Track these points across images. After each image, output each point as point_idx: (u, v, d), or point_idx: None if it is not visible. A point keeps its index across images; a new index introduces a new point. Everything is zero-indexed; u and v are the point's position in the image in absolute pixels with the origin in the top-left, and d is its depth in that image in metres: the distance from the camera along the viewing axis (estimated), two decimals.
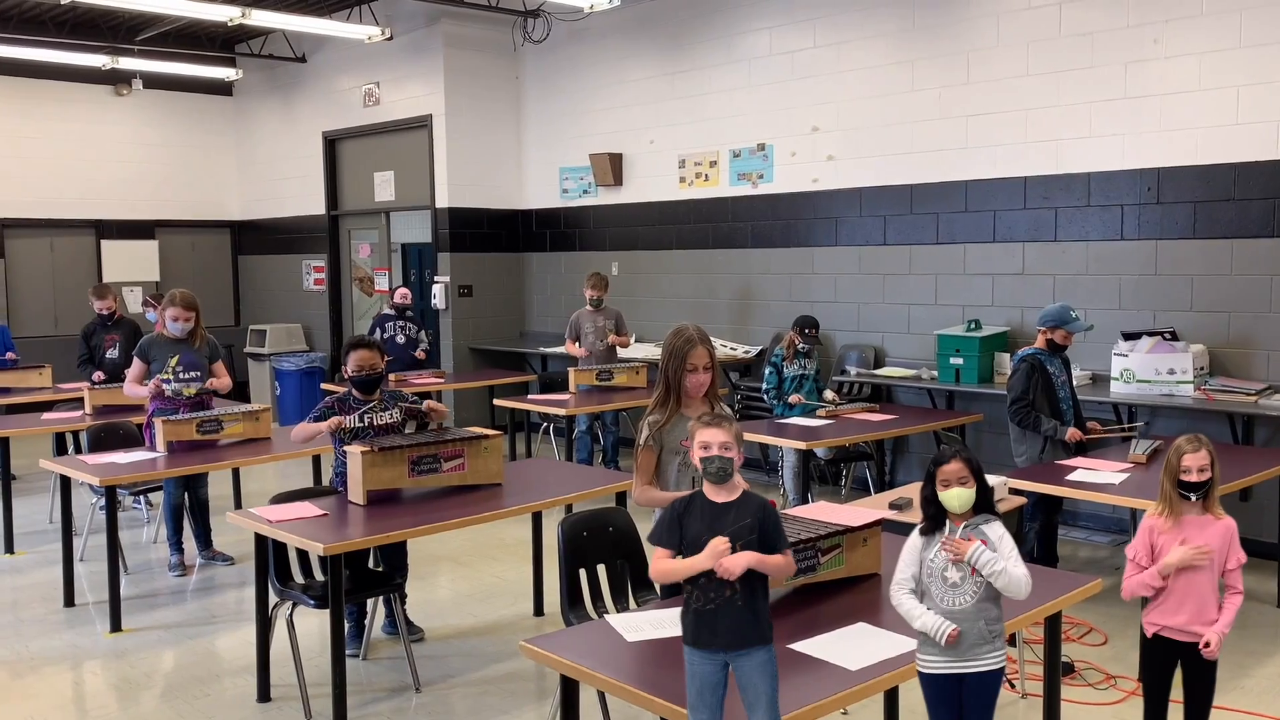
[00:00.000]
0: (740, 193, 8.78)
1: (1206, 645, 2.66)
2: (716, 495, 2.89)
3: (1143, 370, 6.18)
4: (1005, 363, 6.92)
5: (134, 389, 6.00)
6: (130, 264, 12.02)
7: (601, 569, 4.05)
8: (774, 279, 8.61)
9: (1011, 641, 4.49)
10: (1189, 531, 2.70)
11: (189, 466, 5.53)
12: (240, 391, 10.89)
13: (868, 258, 8.00)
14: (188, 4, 8.78)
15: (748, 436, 4.28)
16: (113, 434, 6.24)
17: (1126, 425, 6.17)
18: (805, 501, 6.07)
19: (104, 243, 11.99)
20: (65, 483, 5.64)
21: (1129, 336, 6.36)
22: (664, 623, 2.98)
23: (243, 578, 6.07)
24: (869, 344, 8.01)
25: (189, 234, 12.73)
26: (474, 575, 6.07)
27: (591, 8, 8.70)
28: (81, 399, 7.16)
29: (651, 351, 8.98)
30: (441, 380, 8.92)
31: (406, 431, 4.78)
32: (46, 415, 7.15)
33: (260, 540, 4.28)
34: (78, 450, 7.37)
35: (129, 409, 6.73)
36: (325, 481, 6.96)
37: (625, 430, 9.02)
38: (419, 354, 9.15)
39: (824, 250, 8.26)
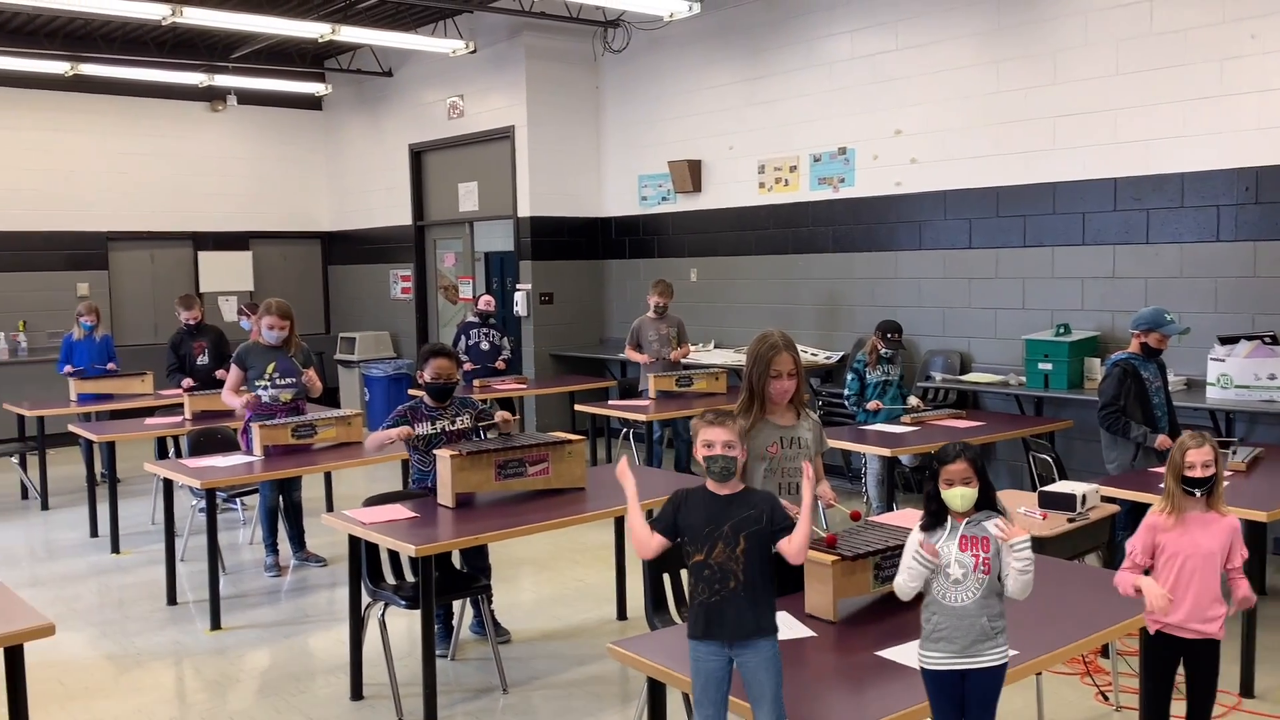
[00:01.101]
0: (821, 197, 8.73)
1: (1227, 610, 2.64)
2: (719, 488, 2.92)
3: (1241, 375, 5.98)
4: (1096, 368, 6.76)
5: (230, 397, 6.20)
6: (225, 274, 12.43)
7: (685, 574, 4.06)
8: (856, 283, 8.54)
9: (1104, 653, 4.39)
10: (1192, 529, 2.69)
11: (284, 470, 5.71)
12: (330, 397, 11.18)
13: (952, 261, 7.89)
14: (281, 22, 9.08)
15: (831, 443, 4.27)
16: (211, 438, 6.47)
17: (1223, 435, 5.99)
18: (890, 509, 6.01)
19: (201, 254, 12.44)
20: (168, 485, 5.86)
21: (1226, 341, 6.17)
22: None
23: (334, 579, 6.24)
24: (954, 349, 7.89)
25: (281, 245, 13.12)
26: (556, 579, 6.15)
27: (671, 16, 8.75)
28: (181, 404, 7.43)
29: (730, 358, 8.98)
30: (523, 386, 9.05)
31: (485, 436, 4.87)
32: (149, 420, 7.44)
33: (354, 541, 4.40)
34: (178, 454, 7.65)
35: (227, 414, 6.97)
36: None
37: None
38: (501, 361, 9.29)
39: (908, 254, 8.17)
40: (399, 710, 4.29)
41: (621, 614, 5.42)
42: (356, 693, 4.49)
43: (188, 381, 7.85)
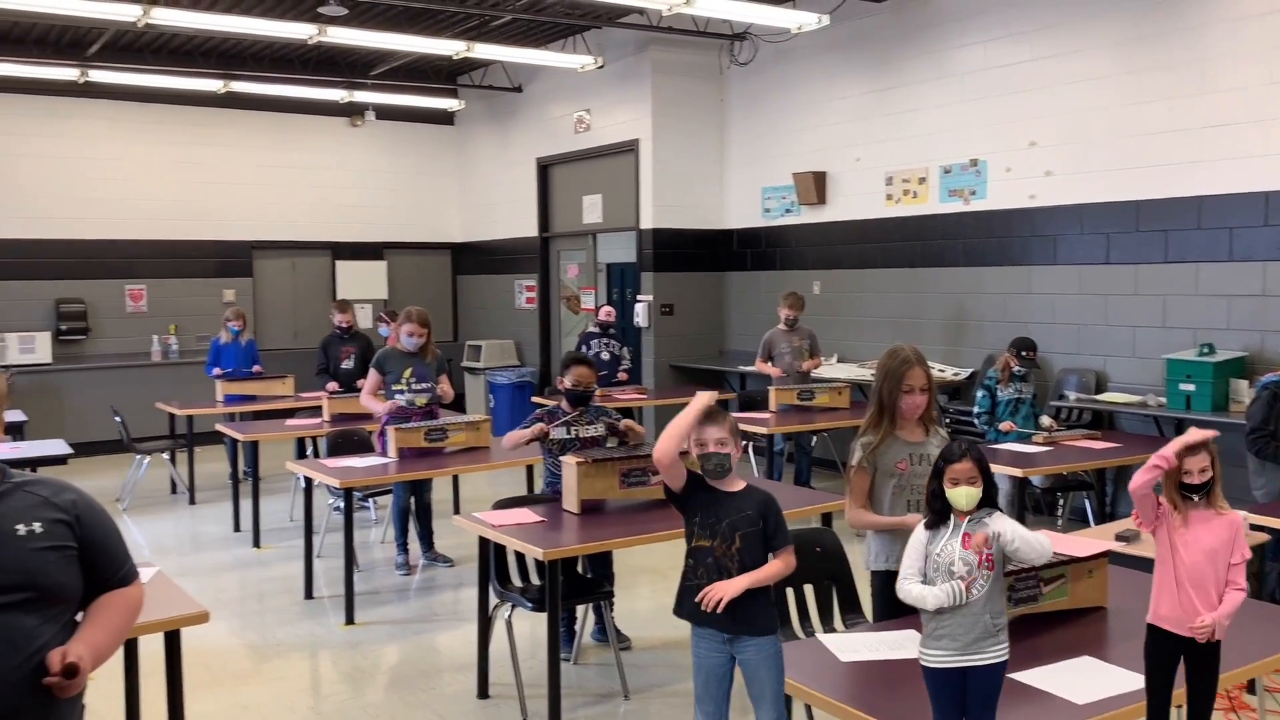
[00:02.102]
0: (951, 209, 8.57)
1: (1198, 627, 2.60)
2: (720, 485, 2.92)
3: None
4: (1243, 390, 6.45)
5: (369, 400, 6.45)
6: (362, 283, 12.92)
7: (809, 589, 4.05)
8: (987, 299, 8.35)
9: (1250, 689, 4.18)
10: (1195, 527, 2.71)
11: (417, 472, 5.92)
12: (457, 403, 11.50)
13: (1089, 277, 7.64)
14: (419, 40, 9.42)
15: None
16: (349, 440, 6.73)
17: None
18: None
19: (339, 263, 12.96)
20: (308, 484, 6.12)
21: None
22: (879, 645, 2.97)
23: (459, 579, 6.42)
24: (1089, 368, 7.63)
25: (413, 255, 13.57)
26: (675, 588, 6.17)
27: (799, 28, 8.73)
28: (320, 407, 7.76)
29: (854, 372, 8.89)
30: (644, 396, 9.13)
31: (607, 446, 4.95)
32: (290, 421, 7.79)
33: (483, 543, 4.52)
34: (316, 454, 7.99)
35: (364, 417, 7.25)
36: (538, 488, 7.29)
37: (822, 451, 8.95)
38: (622, 371, 9.40)
39: (1041, 269, 7.94)
40: (524, 710, 4.39)
41: None
42: (483, 691, 4.61)
43: (332, 385, 8.19)
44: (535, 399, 10.17)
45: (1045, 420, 6.72)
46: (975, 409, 6.78)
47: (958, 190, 8.53)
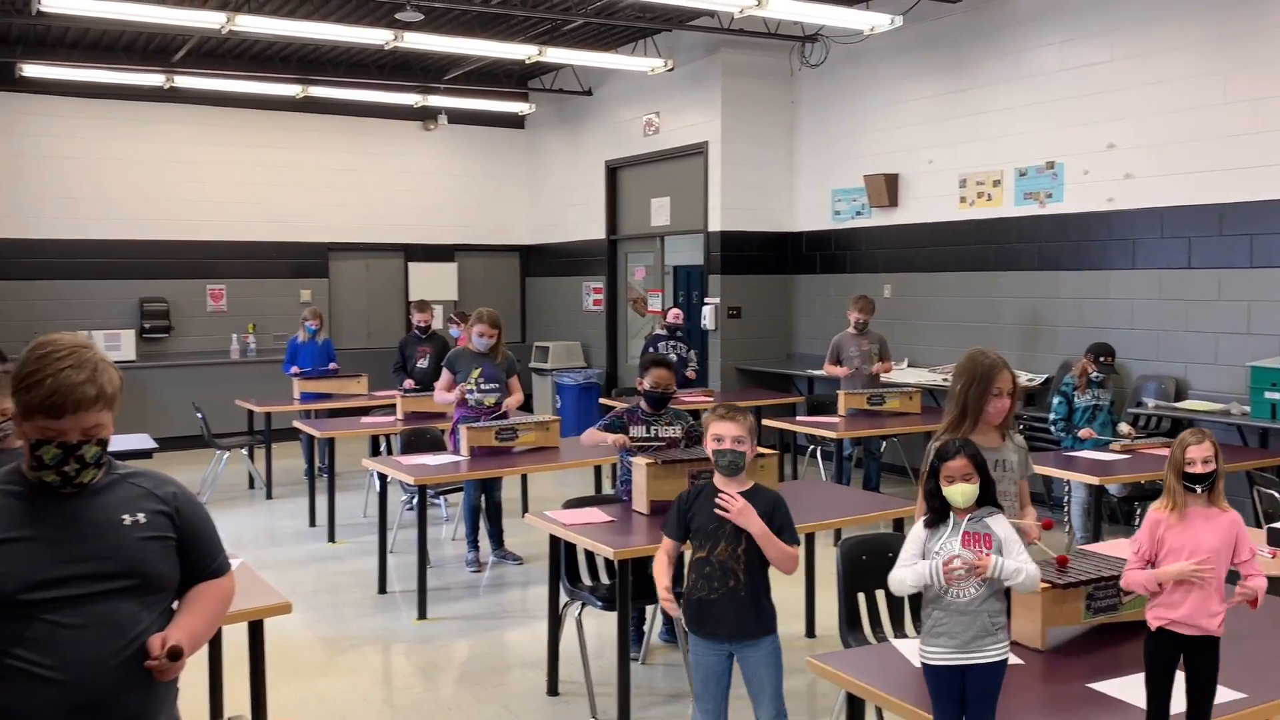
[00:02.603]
0: (1026, 212, 8.43)
1: (1245, 585, 2.57)
2: (728, 486, 2.88)
3: None
4: None
5: (442, 396, 6.57)
6: (433, 284, 13.12)
7: (880, 594, 4.03)
8: (1063, 303, 8.19)
9: None
10: (1194, 525, 2.66)
11: (488, 470, 6.00)
12: (524, 404, 11.60)
13: (1169, 282, 7.45)
14: (492, 44, 9.55)
15: (1035, 469, 4.12)
16: (421, 438, 6.85)
17: None
18: (1096, 540, 5.73)
19: (411, 264, 13.18)
20: (383, 480, 6.24)
21: None
22: (909, 651, 2.94)
23: (528, 577, 6.49)
24: (1169, 375, 7.45)
25: (483, 257, 13.74)
26: None
27: (872, 30, 8.67)
28: (394, 405, 7.90)
29: (925, 377, 8.79)
30: (710, 399, 9.11)
31: (688, 448, 4.96)
32: (365, 419, 7.94)
33: (554, 541, 4.57)
34: (389, 452, 8.14)
35: (437, 416, 7.37)
36: (605, 489, 7.34)
37: (891, 456, 8.87)
38: (689, 373, 9.40)
39: (1119, 274, 7.77)
40: (593, 708, 4.43)
41: (810, 631, 5.39)
42: (552, 688, 4.66)
43: (409, 383, 8.32)
44: (603, 400, 10.23)
45: (1123, 428, 6.58)
46: (1051, 415, 6.66)
47: (1033, 193, 8.38)
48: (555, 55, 9.76)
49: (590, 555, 4.72)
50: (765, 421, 8.17)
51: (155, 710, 2.17)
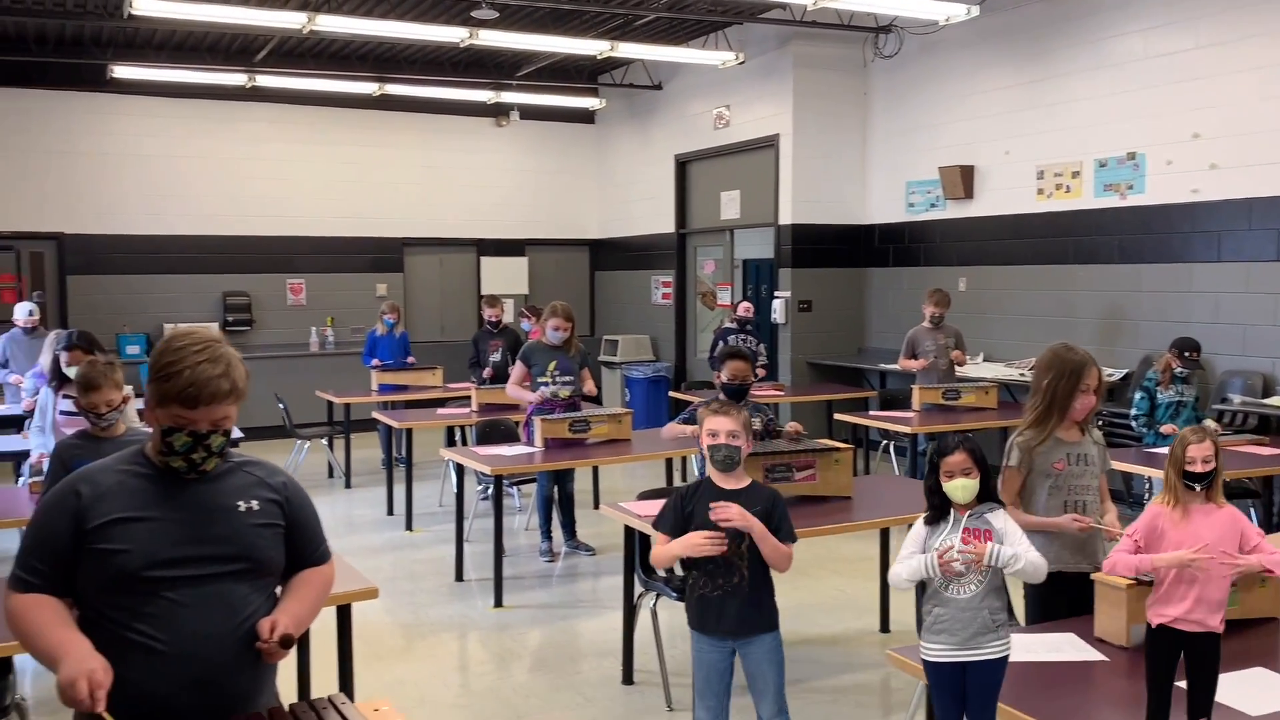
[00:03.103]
0: (1106, 204, 8.26)
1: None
2: (725, 482, 2.87)
3: None
4: None
5: (516, 390, 6.66)
6: (504, 278, 13.27)
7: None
8: (1144, 297, 8.01)
9: None
10: (1194, 522, 2.65)
11: (563, 461, 6.08)
12: (595, 396, 11.69)
13: (1257, 275, 7.25)
14: (564, 40, 9.64)
15: (1114, 464, 4.07)
16: (496, 430, 6.96)
17: None
18: None
19: (483, 259, 13.35)
20: (460, 470, 6.36)
21: None
22: (1035, 647, 2.93)
23: (600, 568, 6.56)
24: (1256, 370, 7.25)
25: (553, 251, 13.87)
26: (815, 586, 6.17)
27: (947, 19, 8.55)
28: (469, 397, 8.04)
29: (1000, 371, 8.67)
30: (780, 393, 9.10)
31: (767, 442, 4.97)
32: (440, 411, 8.09)
33: (629, 532, 4.63)
34: (464, 443, 8.27)
35: (511, 408, 7.47)
36: (676, 481, 7.38)
37: None
38: (758, 368, 9.38)
39: (1204, 266, 7.58)
40: (668, 697, 4.47)
41: (885, 626, 5.37)
42: (627, 677, 4.71)
43: (488, 371, 8.44)
44: (673, 394, 10.27)
45: (1209, 424, 6.41)
46: (1133, 411, 6.53)
47: (1114, 184, 8.21)
48: (627, 50, 9.81)
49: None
50: (837, 416, 8.14)
51: (260, 688, 2.27)
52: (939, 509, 2.78)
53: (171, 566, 2.13)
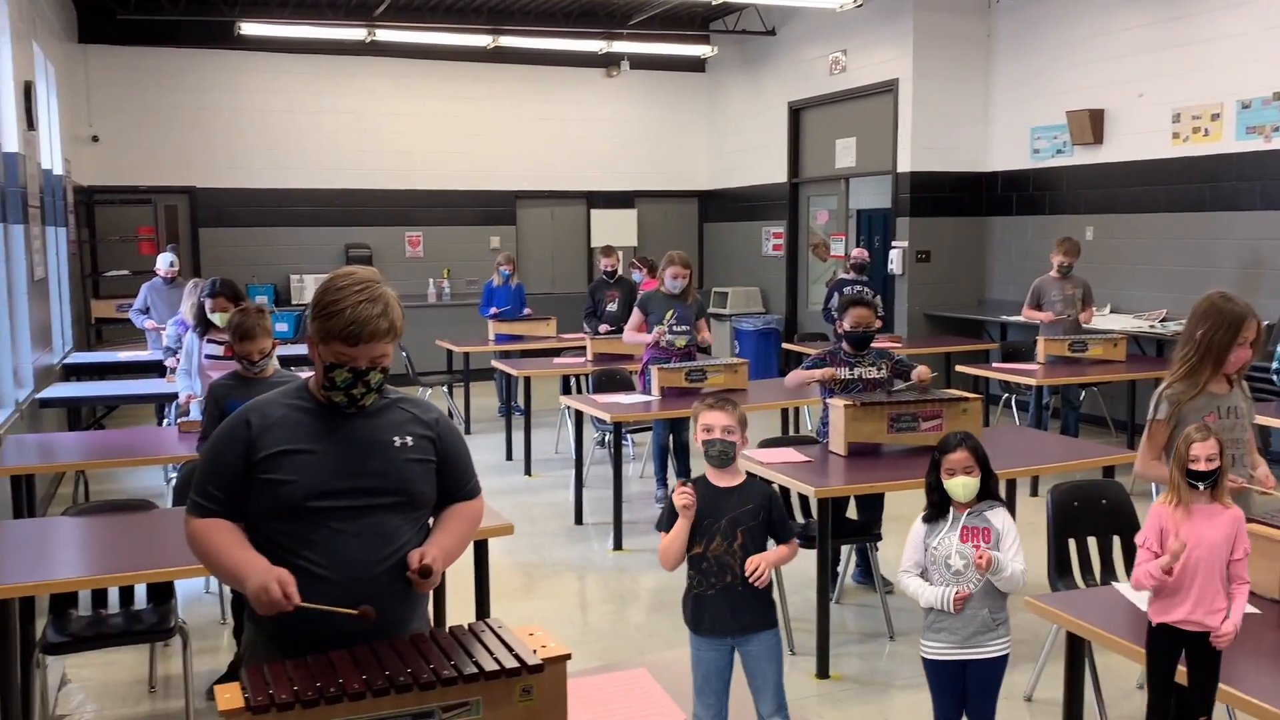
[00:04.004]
0: (1249, 147, 7.83)
1: (1220, 636, 2.47)
2: (719, 479, 2.79)
3: None
4: None
5: (632, 336, 6.73)
6: (613, 230, 13.31)
7: (1091, 541, 3.93)
8: None
9: None
10: (1197, 521, 2.58)
11: (680, 410, 6.12)
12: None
13: None
14: None
15: (1259, 419, 3.91)
16: (611, 379, 7.04)
17: None
18: None
19: (593, 211, 13.42)
20: (579, 417, 6.47)
21: None
22: None
23: None
24: None
25: (662, 203, 13.85)
26: None
27: None
28: (583, 347, 8.14)
29: (1129, 323, 8.36)
30: (898, 344, 8.95)
31: (896, 388, 4.93)
32: (557, 360, 8.22)
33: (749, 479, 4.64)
34: (579, 391, 8.40)
35: (626, 357, 7.54)
36: (792, 432, 7.36)
37: (1090, 406, 8.51)
38: (877, 319, 9.23)
39: None
40: (790, 641, 4.51)
41: None
42: None
43: (604, 327, 8.55)
44: (786, 345, 10.21)
45: None
46: (1275, 364, 6.23)
47: (1257, 127, 7.77)
48: None
49: (784, 494, 4.77)
50: (958, 368, 7.98)
51: (411, 615, 2.37)
52: (938, 506, 2.77)
53: (332, 497, 2.24)
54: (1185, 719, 2.46)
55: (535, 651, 2.00)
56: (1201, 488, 2.59)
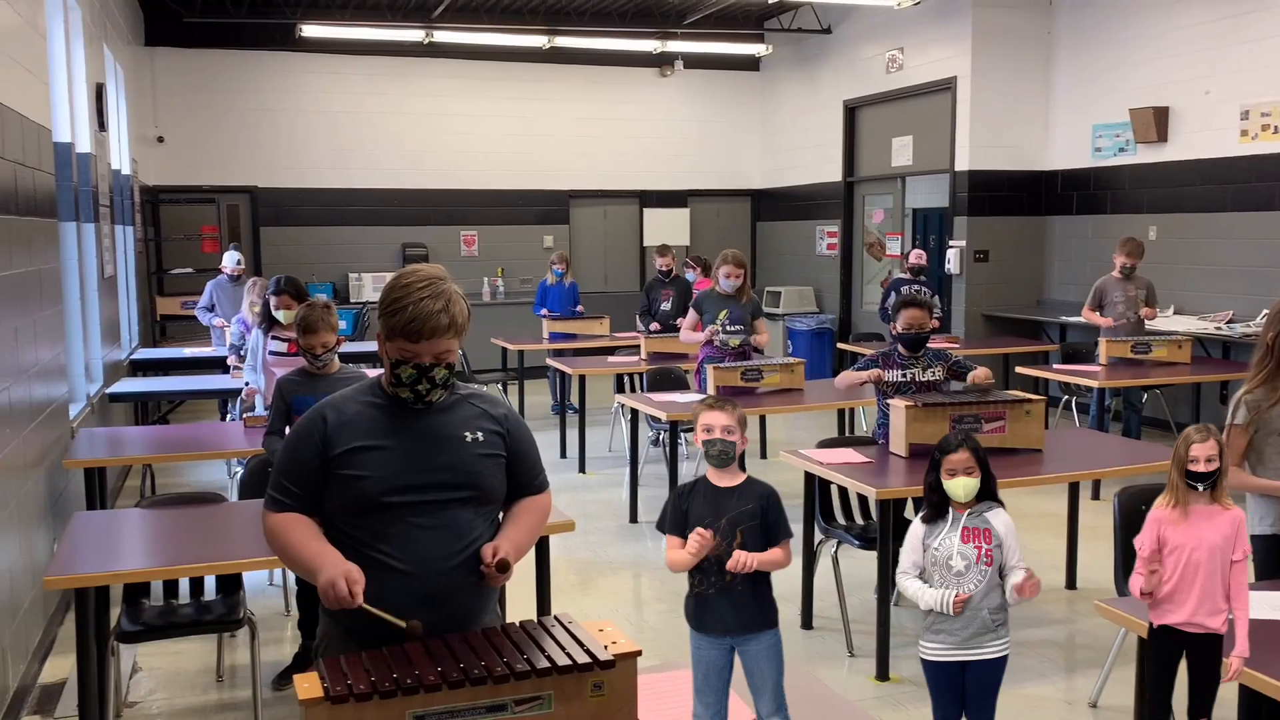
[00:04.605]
0: None
1: (1231, 671, 2.42)
2: (719, 479, 2.78)
3: None
4: None
5: (688, 335, 6.73)
6: (665, 229, 13.32)
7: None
8: None
9: None
10: (1197, 522, 2.56)
11: None
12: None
13: None
14: None
15: None
16: (666, 377, 7.06)
17: None
18: None
19: (645, 210, 13.45)
20: (634, 415, 6.49)
21: None
22: (1264, 605, 2.80)
23: None
24: None
25: (714, 202, 13.83)
26: None
27: None
28: (637, 346, 8.15)
29: (1194, 325, 8.19)
30: (955, 345, 8.84)
31: (953, 389, 4.88)
32: (611, 359, 8.25)
33: (809, 480, 4.63)
34: (633, 390, 8.41)
35: (678, 356, 7.55)
36: (848, 432, 7.32)
37: (1153, 409, 8.35)
38: (933, 319, 9.13)
39: None
40: (849, 643, 4.49)
41: (1071, 583, 5.22)
42: (806, 622, 4.75)
43: (655, 326, 8.56)
44: (841, 345, 10.15)
45: None
46: None
47: None
48: None
49: (845, 494, 4.75)
50: (1019, 369, 7.88)
51: (483, 608, 2.40)
52: (938, 506, 2.76)
53: (406, 492, 2.27)
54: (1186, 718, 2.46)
55: (606, 647, 2.01)
56: (1201, 488, 2.57)
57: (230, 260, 8.70)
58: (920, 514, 2.84)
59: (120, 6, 9.39)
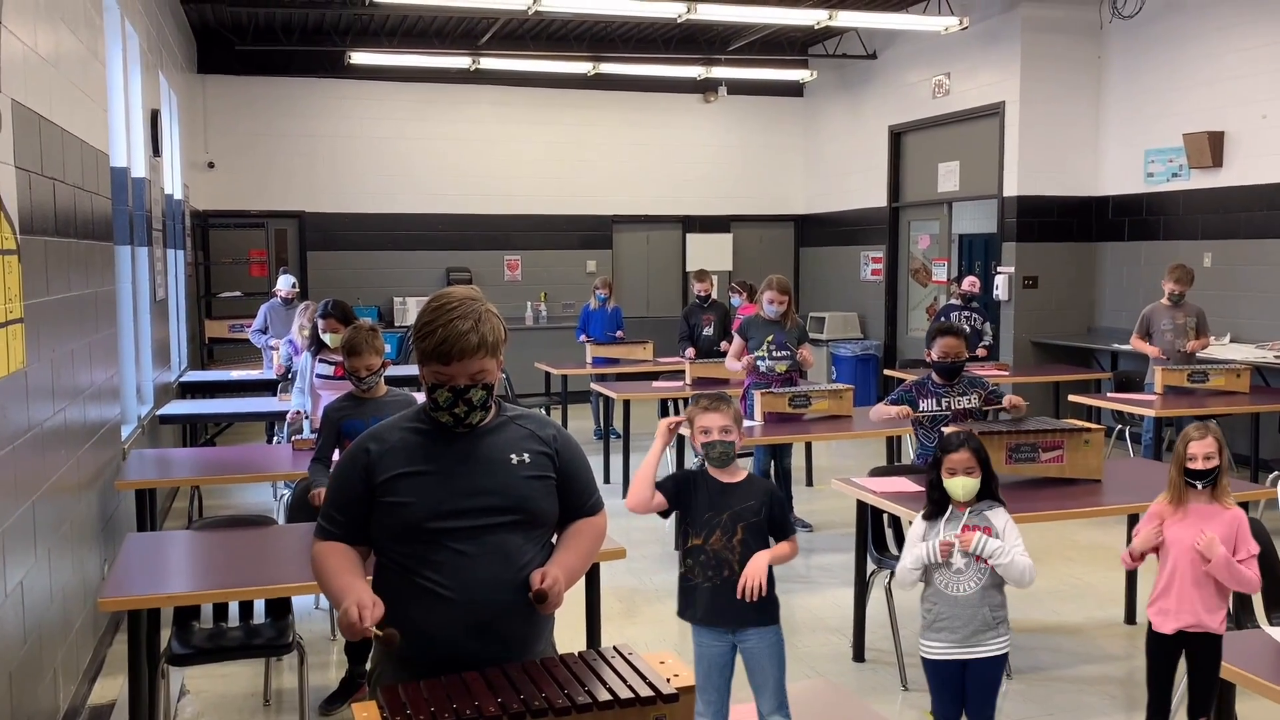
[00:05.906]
0: None
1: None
2: (722, 475, 2.81)
3: None
4: None
5: (733, 362, 6.68)
6: (708, 255, 13.29)
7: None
8: None
9: None
10: (1195, 521, 2.55)
11: (783, 436, 6.06)
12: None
13: None
14: (779, 11, 9.50)
15: None
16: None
17: None
18: None
19: (688, 235, 13.43)
20: (680, 442, 6.43)
21: None
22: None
23: (813, 544, 6.49)
24: None
25: (758, 227, 13.79)
26: (1050, 573, 5.89)
27: None
28: (681, 370, 8.11)
29: (1251, 353, 8.00)
30: (1004, 372, 8.72)
31: (986, 419, 4.79)
32: (655, 384, 8.21)
33: (861, 508, 4.55)
34: (677, 414, 8.36)
35: (723, 381, 7.50)
36: (896, 460, 7.22)
37: None
38: (981, 347, 9.02)
39: None
40: (903, 677, 4.38)
41: (1130, 618, 5.08)
42: (858, 654, 4.65)
43: (690, 351, 8.54)
44: (888, 371, 10.04)
45: None
46: None
47: None
48: (845, 19, 9.58)
49: (897, 524, 4.66)
50: (1071, 398, 7.74)
51: (537, 636, 2.35)
52: (938, 504, 2.76)
53: (452, 518, 2.24)
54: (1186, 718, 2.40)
55: (669, 680, 1.96)
56: (1200, 486, 2.52)
57: (285, 284, 8.79)
58: (921, 511, 2.83)
59: (175, 35, 9.58)
